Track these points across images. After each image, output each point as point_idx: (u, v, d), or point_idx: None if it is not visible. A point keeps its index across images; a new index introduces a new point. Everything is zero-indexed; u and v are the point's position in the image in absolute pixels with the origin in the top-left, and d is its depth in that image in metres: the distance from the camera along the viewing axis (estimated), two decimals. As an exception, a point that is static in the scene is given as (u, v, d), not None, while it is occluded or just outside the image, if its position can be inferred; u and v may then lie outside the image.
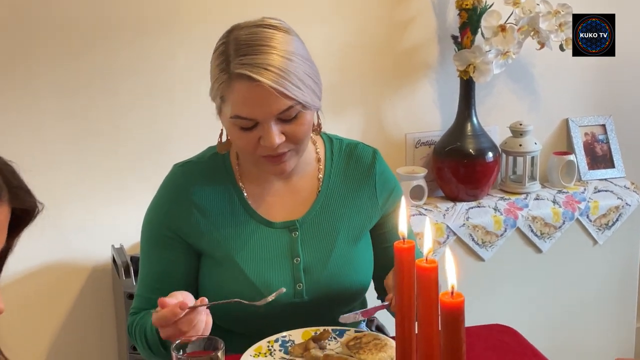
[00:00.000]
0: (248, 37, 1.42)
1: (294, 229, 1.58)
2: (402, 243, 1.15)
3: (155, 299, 1.52)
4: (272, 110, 1.41)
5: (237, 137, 1.47)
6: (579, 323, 2.75)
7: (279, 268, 1.56)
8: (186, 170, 1.59)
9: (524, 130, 2.68)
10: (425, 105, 2.70)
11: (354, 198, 1.62)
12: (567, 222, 2.63)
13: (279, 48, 1.41)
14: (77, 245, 2.44)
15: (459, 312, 0.99)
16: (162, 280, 1.56)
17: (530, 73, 2.79)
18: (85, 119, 2.39)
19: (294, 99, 1.41)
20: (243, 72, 1.39)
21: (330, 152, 1.64)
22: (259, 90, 1.39)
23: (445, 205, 2.61)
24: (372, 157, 1.64)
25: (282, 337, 1.49)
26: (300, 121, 1.45)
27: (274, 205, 1.59)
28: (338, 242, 1.59)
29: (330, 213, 1.60)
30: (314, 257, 1.57)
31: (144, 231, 1.60)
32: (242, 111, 1.42)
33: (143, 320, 1.53)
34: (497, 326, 1.65)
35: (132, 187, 2.45)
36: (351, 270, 1.60)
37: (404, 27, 2.63)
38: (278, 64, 1.39)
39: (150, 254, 1.59)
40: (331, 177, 1.62)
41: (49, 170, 2.37)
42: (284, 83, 1.39)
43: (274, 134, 1.43)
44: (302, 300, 1.56)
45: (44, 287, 2.43)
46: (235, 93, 1.42)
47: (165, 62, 2.42)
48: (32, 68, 2.32)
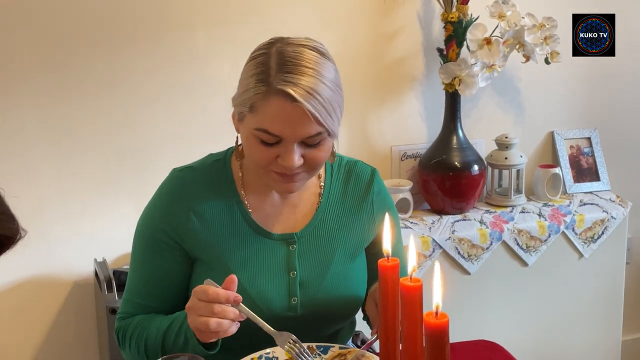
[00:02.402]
0: (294, 55, 1.41)
1: (292, 242, 1.57)
2: (386, 261, 1.14)
3: (145, 305, 1.52)
4: (302, 133, 1.40)
5: (255, 148, 1.45)
6: (565, 336, 2.74)
7: (275, 280, 1.54)
8: (186, 175, 1.57)
9: (509, 143, 2.68)
10: (411, 118, 2.70)
11: (352, 215, 1.61)
12: (553, 235, 2.62)
13: (322, 74, 1.40)
14: (59, 258, 2.42)
15: (443, 332, 0.97)
16: (154, 285, 1.55)
17: (515, 86, 2.79)
18: (68, 133, 2.36)
19: (325, 126, 1.40)
20: (287, 90, 1.37)
21: (331, 168, 1.63)
22: (296, 111, 1.38)
23: (431, 219, 2.61)
24: (371, 176, 1.64)
25: (265, 354, 1.47)
26: (322, 147, 1.45)
27: (273, 217, 1.58)
28: (335, 258, 1.58)
29: (328, 229, 1.59)
30: (310, 272, 1.56)
31: (138, 234, 1.58)
32: (271, 127, 1.40)
33: (144, 324, 1.52)
34: (482, 342, 1.64)
35: (115, 200, 2.43)
36: (347, 287, 1.59)
37: (390, 40, 2.62)
38: (322, 92, 1.39)
39: (143, 258, 1.56)
40: (330, 193, 1.61)
41: (30, 183, 2.35)
42: (321, 110, 1.38)
43: (294, 156, 1.41)
44: (296, 314, 1.55)
45: (25, 301, 2.41)
46: (271, 107, 1.39)
47: (147, 75, 2.40)
48: (12, 78, 2.29)
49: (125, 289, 1.60)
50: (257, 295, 1.52)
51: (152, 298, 1.55)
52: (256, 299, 1.52)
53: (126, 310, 1.58)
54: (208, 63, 2.43)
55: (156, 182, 1.65)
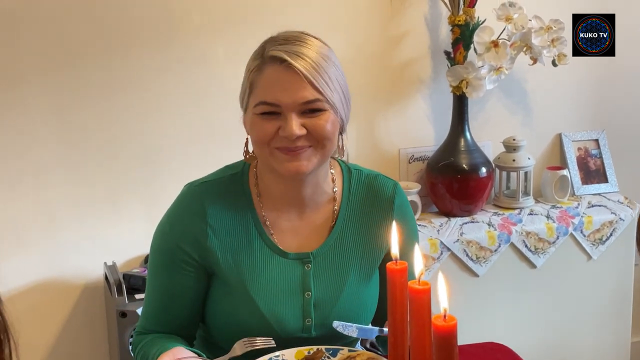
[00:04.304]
0: (286, 35, 1.46)
1: (307, 262, 1.55)
2: (395, 264, 1.15)
3: (162, 319, 1.53)
4: (298, 97, 1.41)
5: (257, 126, 1.45)
6: (573, 338, 2.74)
7: (290, 301, 1.53)
8: (202, 191, 1.54)
9: (517, 146, 2.68)
10: (419, 121, 2.70)
11: (369, 232, 1.58)
12: (561, 237, 2.62)
13: (315, 47, 1.44)
14: (69, 262, 2.43)
15: (451, 335, 0.98)
16: (170, 300, 1.54)
17: (523, 88, 2.79)
18: (79, 137, 2.38)
19: (321, 92, 1.42)
20: (277, 54, 1.41)
21: (349, 182, 1.60)
22: (289, 74, 1.40)
23: (439, 221, 2.61)
24: (393, 190, 1.61)
25: (275, 357, 1.47)
26: (324, 117, 1.44)
27: (288, 234, 1.56)
28: (350, 278, 1.56)
29: (344, 246, 1.57)
30: (325, 293, 1.55)
31: (155, 249, 1.57)
32: (268, 96, 1.42)
33: (146, 348, 1.52)
34: (490, 344, 1.65)
35: (125, 204, 2.44)
36: (361, 308, 1.57)
37: (397, 43, 2.63)
38: (313, 57, 1.42)
39: (160, 274, 1.55)
40: (347, 209, 1.58)
41: (41, 186, 2.36)
42: (315, 74, 1.41)
43: (294, 123, 1.41)
44: (310, 335, 1.54)
45: (35, 305, 2.42)
46: (266, 76, 1.43)
47: (158, 79, 2.41)
48: (23, 81, 2.31)
49: (144, 303, 1.60)
50: (272, 316, 1.52)
51: (168, 313, 1.55)
52: (270, 319, 1.51)
53: (143, 325, 1.58)
54: (219, 67, 2.44)
55: (166, 187, 1.66)
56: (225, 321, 1.53)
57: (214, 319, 1.56)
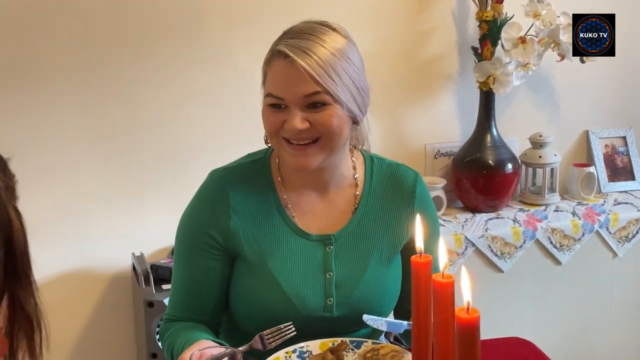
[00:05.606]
0: (302, 27, 1.48)
1: (328, 243, 1.58)
2: (419, 257, 1.16)
3: (189, 305, 1.56)
4: (299, 91, 1.44)
5: (266, 116, 1.50)
6: (597, 335, 2.73)
7: (312, 281, 1.56)
8: (224, 175, 1.59)
9: (543, 142, 2.68)
10: (445, 116, 2.71)
11: (391, 218, 1.61)
12: (587, 234, 2.62)
13: (327, 42, 1.45)
14: (97, 253, 2.46)
15: (474, 327, 0.99)
16: (197, 287, 1.58)
17: (550, 85, 2.78)
18: (107, 129, 2.41)
19: (322, 85, 1.43)
20: (283, 49, 1.44)
21: (370, 170, 1.63)
22: (291, 69, 1.43)
23: (464, 216, 2.62)
24: (414, 180, 1.64)
25: (299, 348, 1.49)
26: (329, 112, 1.46)
27: (310, 216, 1.59)
28: (372, 261, 1.59)
29: (366, 231, 1.60)
30: (346, 274, 1.57)
31: (180, 237, 1.61)
32: (273, 89, 1.47)
33: (173, 337, 1.55)
34: (514, 339, 1.65)
35: (153, 195, 2.47)
36: (381, 289, 1.60)
37: (425, 38, 2.64)
38: (319, 52, 1.43)
39: (186, 260, 1.59)
40: (369, 195, 1.61)
41: (73, 181, 2.40)
42: (317, 69, 1.42)
43: (296, 118, 1.45)
44: (332, 315, 1.56)
45: (64, 295, 2.45)
46: (272, 70, 1.47)
47: (182, 74, 2.44)
48: (57, 77, 2.34)
49: (171, 291, 1.64)
50: (294, 295, 1.54)
51: (195, 298, 1.58)
52: (293, 298, 1.54)
53: (171, 312, 1.61)
54: (245, 61, 2.46)
55: (193, 179, 1.68)
56: (248, 303, 1.56)
57: (237, 302, 1.58)
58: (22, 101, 2.33)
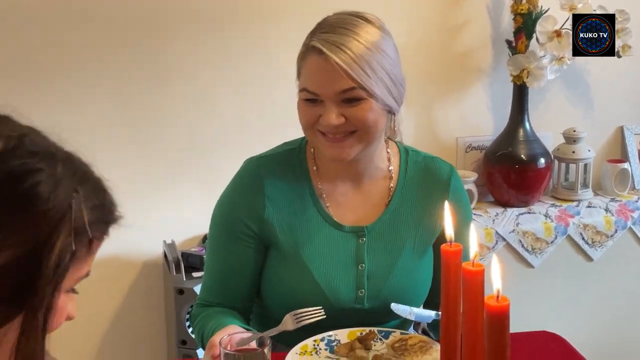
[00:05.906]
0: (336, 20, 1.48)
1: (361, 235, 1.58)
2: (449, 246, 1.16)
3: (222, 291, 1.58)
4: (334, 88, 1.44)
5: (302, 110, 1.50)
6: (629, 333, 2.71)
7: (344, 272, 1.56)
8: (260, 164, 1.59)
9: (577, 137, 2.65)
10: (477, 110, 2.69)
11: (424, 211, 1.61)
12: (620, 230, 2.59)
13: (361, 36, 1.44)
14: (129, 240, 2.47)
15: (504, 315, 0.99)
16: (230, 274, 1.59)
17: (584, 79, 2.76)
18: (140, 119, 2.43)
19: (357, 81, 1.43)
20: (317, 45, 1.44)
21: (405, 162, 1.63)
22: (326, 66, 1.42)
23: (495, 211, 2.60)
24: (450, 173, 1.64)
25: (327, 337, 1.50)
26: (364, 107, 1.46)
27: (343, 206, 1.59)
28: (404, 253, 1.59)
29: (399, 223, 1.60)
30: (378, 266, 1.58)
31: (215, 224, 1.62)
32: (308, 84, 1.47)
33: (204, 321, 1.56)
34: (544, 333, 1.64)
35: (184, 184, 2.49)
36: (413, 282, 1.60)
37: (458, 31, 2.62)
38: (353, 47, 1.43)
39: (220, 247, 1.60)
40: (404, 187, 1.61)
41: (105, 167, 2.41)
42: (351, 64, 1.42)
43: (331, 114, 1.45)
44: (363, 306, 1.57)
45: (95, 281, 2.45)
46: (307, 66, 1.47)
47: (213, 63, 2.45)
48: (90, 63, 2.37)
49: (204, 276, 1.65)
50: (326, 286, 1.55)
51: (227, 285, 1.59)
52: (325, 289, 1.55)
53: (203, 297, 1.63)
54: (276, 52, 2.47)
55: (224, 168, 1.69)
56: (280, 291, 1.57)
57: (269, 290, 1.59)
58: (61, 85, 2.35)
